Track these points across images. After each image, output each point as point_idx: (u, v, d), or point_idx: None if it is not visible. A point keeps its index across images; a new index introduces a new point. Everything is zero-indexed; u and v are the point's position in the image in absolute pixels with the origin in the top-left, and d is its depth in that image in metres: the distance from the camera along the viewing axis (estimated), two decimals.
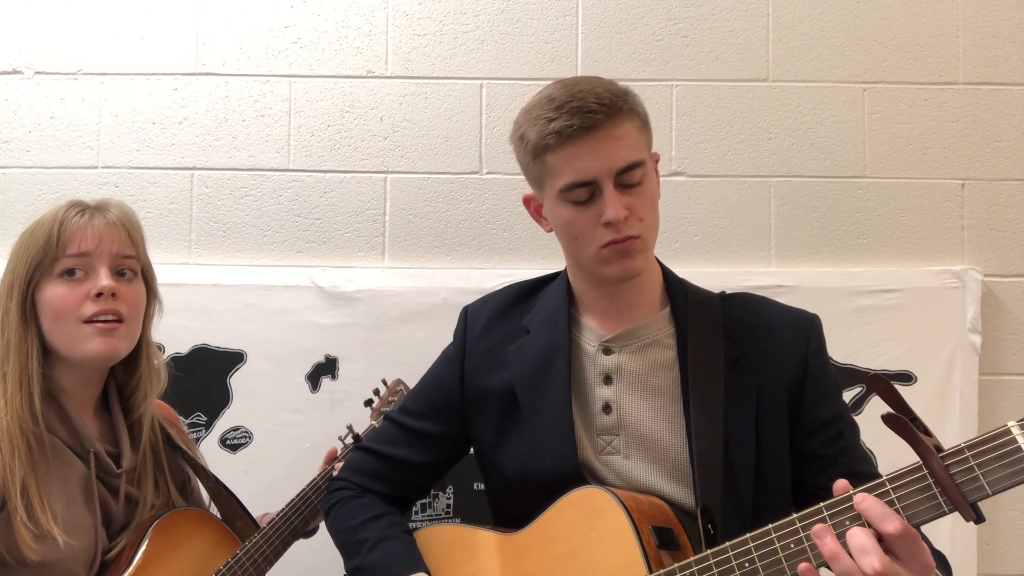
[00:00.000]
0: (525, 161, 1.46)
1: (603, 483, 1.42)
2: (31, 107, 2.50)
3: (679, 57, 2.53)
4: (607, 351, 1.48)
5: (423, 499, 2.35)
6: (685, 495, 1.40)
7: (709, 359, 1.45)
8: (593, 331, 1.50)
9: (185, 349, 2.40)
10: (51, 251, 1.52)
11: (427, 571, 1.47)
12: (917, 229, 2.48)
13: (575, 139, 1.36)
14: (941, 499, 1.05)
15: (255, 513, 1.82)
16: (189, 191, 2.50)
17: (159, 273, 1.69)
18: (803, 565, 1.11)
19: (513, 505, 1.50)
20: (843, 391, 2.28)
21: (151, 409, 1.66)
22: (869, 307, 2.41)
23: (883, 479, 1.09)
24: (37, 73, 2.51)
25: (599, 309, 1.51)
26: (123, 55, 2.52)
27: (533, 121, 1.41)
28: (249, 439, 2.40)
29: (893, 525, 1.05)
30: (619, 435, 1.45)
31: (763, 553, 1.15)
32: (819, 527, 1.11)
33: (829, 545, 1.09)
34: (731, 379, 1.43)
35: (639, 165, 1.40)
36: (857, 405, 2.38)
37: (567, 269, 1.57)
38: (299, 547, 1.81)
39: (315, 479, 1.83)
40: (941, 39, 2.51)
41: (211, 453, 2.33)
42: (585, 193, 1.39)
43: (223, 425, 2.40)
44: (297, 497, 1.80)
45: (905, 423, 1.06)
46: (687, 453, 1.41)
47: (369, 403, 2.05)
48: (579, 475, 1.43)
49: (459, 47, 2.54)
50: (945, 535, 2.26)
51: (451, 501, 2.39)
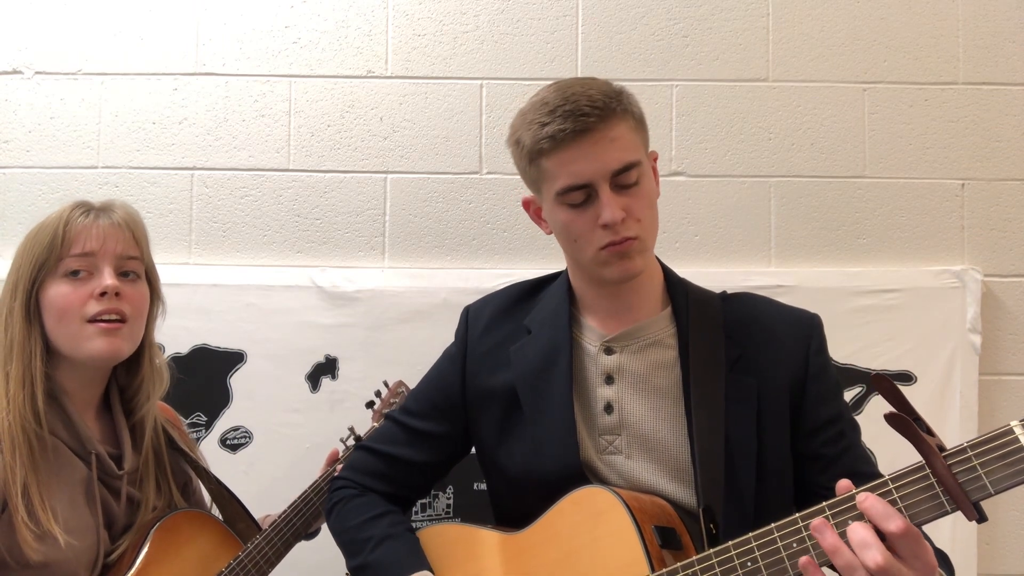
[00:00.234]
0: (522, 165, 1.47)
1: (605, 483, 1.42)
2: (31, 107, 2.50)
3: (679, 57, 2.53)
4: (608, 351, 1.48)
5: (424, 499, 2.35)
6: (687, 495, 1.40)
7: (710, 359, 1.45)
8: (594, 331, 1.50)
9: (185, 349, 2.40)
10: (56, 251, 1.52)
11: (431, 570, 1.47)
12: (917, 229, 2.48)
13: (569, 143, 1.36)
14: (944, 498, 1.05)
15: (256, 514, 1.82)
16: (189, 191, 2.50)
17: (159, 273, 1.68)
18: (804, 559, 1.11)
19: (515, 505, 1.50)
20: (843, 391, 2.29)
21: (153, 411, 1.66)
22: (869, 307, 2.41)
23: (886, 478, 1.09)
24: (37, 73, 2.51)
25: (600, 309, 1.51)
26: (123, 55, 2.52)
27: (527, 125, 1.41)
28: (249, 439, 2.40)
29: (896, 524, 1.05)
30: (621, 435, 1.45)
31: (766, 552, 1.15)
32: (818, 521, 1.11)
33: (829, 539, 1.09)
34: (732, 379, 1.43)
35: (634, 166, 1.39)
36: (857, 405, 2.38)
37: (567, 269, 1.57)
38: (300, 547, 1.81)
39: (317, 480, 1.83)
40: (941, 39, 2.51)
41: (211, 453, 2.33)
42: (581, 196, 1.39)
43: (223, 425, 2.40)
44: (299, 498, 1.80)
45: (908, 423, 1.07)
46: (688, 453, 1.41)
47: (371, 405, 2.04)
48: (581, 475, 1.43)
49: (459, 47, 2.54)
50: (945, 535, 2.26)
51: (451, 501, 2.39)
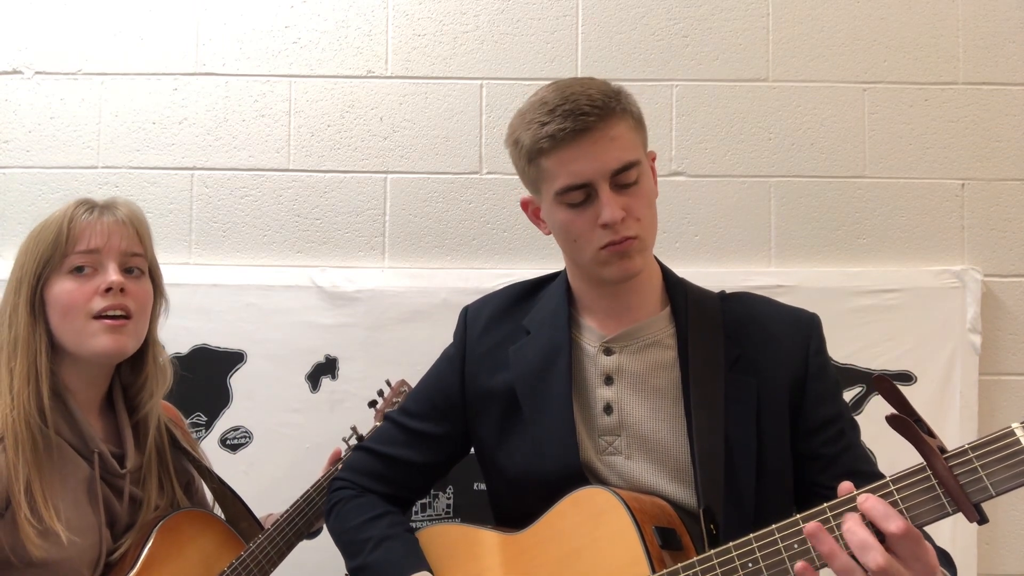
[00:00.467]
0: (520, 165, 1.46)
1: (605, 483, 1.42)
2: (31, 107, 2.50)
3: (679, 57, 2.53)
4: (608, 351, 1.48)
5: (423, 499, 2.35)
6: (687, 495, 1.40)
7: (710, 359, 1.44)
8: (593, 331, 1.50)
9: (185, 349, 2.40)
10: (60, 248, 1.52)
11: (430, 570, 1.47)
12: (917, 229, 2.48)
13: (568, 142, 1.36)
14: (945, 500, 1.05)
15: (258, 514, 1.82)
16: (189, 191, 2.49)
17: (162, 274, 1.69)
18: (800, 564, 1.11)
19: (514, 505, 1.50)
20: (843, 391, 2.29)
21: (156, 409, 1.66)
22: (869, 307, 2.41)
23: (887, 480, 1.09)
24: (37, 73, 2.51)
25: (599, 309, 1.51)
26: (123, 55, 2.52)
27: (527, 125, 1.41)
28: (249, 439, 2.40)
29: (896, 525, 1.05)
30: (620, 435, 1.45)
31: (766, 553, 1.15)
32: (812, 526, 1.11)
33: (826, 544, 1.09)
34: (732, 379, 1.43)
35: (634, 165, 1.39)
36: (857, 405, 2.38)
37: (566, 270, 1.57)
38: (302, 547, 1.81)
39: (319, 480, 1.82)
40: (941, 39, 2.51)
41: (211, 453, 2.32)
42: (581, 195, 1.39)
43: (223, 425, 2.40)
44: (301, 498, 1.79)
45: (909, 424, 1.07)
46: (688, 453, 1.41)
47: (373, 404, 2.04)
48: (581, 476, 1.43)
49: (459, 47, 2.54)
50: (945, 535, 2.25)
51: (451, 501, 2.39)
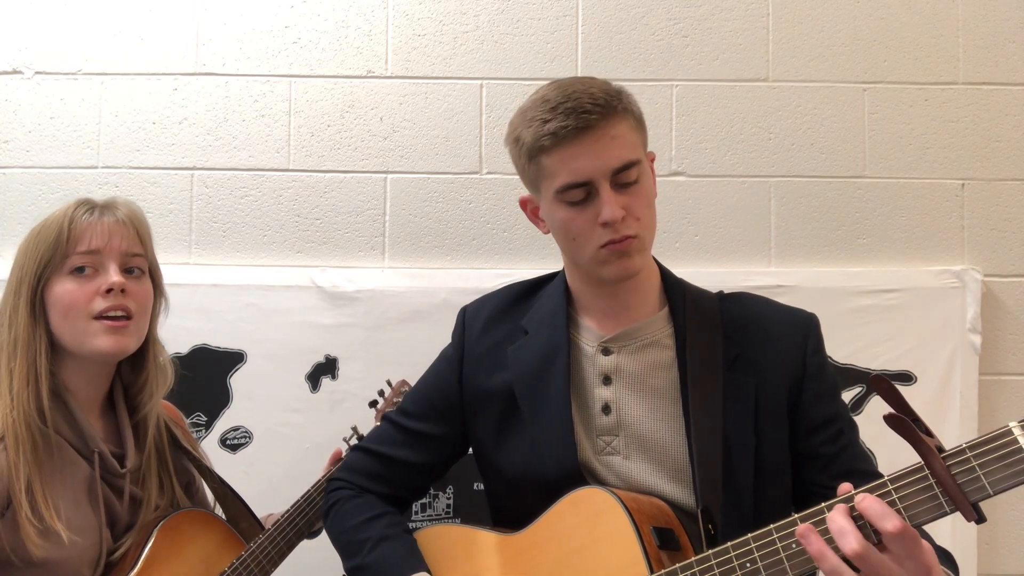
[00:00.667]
0: (521, 163, 1.46)
1: (603, 484, 1.42)
2: (31, 107, 2.50)
3: (679, 57, 2.53)
4: (606, 351, 1.48)
5: (421, 500, 2.35)
6: (685, 495, 1.40)
7: (708, 359, 1.44)
8: (592, 331, 1.50)
9: (185, 349, 2.40)
10: (61, 248, 1.52)
11: (428, 571, 1.47)
12: (917, 229, 2.48)
13: (570, 140, 1.36)
14: (943, 499, 1.05)
15: (259, 514, 1.82)
16: (189, 191, 2.50)
17: (162, 273, 1.69)
18: (803, 526, 1.11)
19: (513, 506, 1.50)
20: (843, 391, 2.29)
21: (157, 409, 1.66)
22: (869, 307, 2.41)
23: (885, 479, 1.09)
24: (37, 73, 2.51)
25: (598, 309, 1.51)
26: (123, 55, 2.52)
27: (528, 123, 1.40)
28: (249, 439, 2.40)
29: (892, 523, 1.05)
30: (619, 436, 1.45)
31: (765, 553, 1.15)
32: (802, 527, 1.11)
33: (816, 544, 1.10)
34: (730, 379, 1.43)
35: (635, 164, 1.39)
36: (857, 405, 2.38)
37: (565, 269, 1.57)
38: (302, 547, 1.81)
39: (320, 479, 1.82)
40: (941, 39, 2.51)
41: (211, 453, 2.32)
42: (581, 194, 1.39)
43: (223, 425, 2.40)
44: (302, 498, 1.79)
45: (907, 423, 1.07)
46: (687, 453, 1.41)
47: (374, 404, 2.04)
48: (579, 476, 1.42)
49: (459, 47, 2.54)
50: (945, 535, 2.25)
51: (451, 501, 2.39)
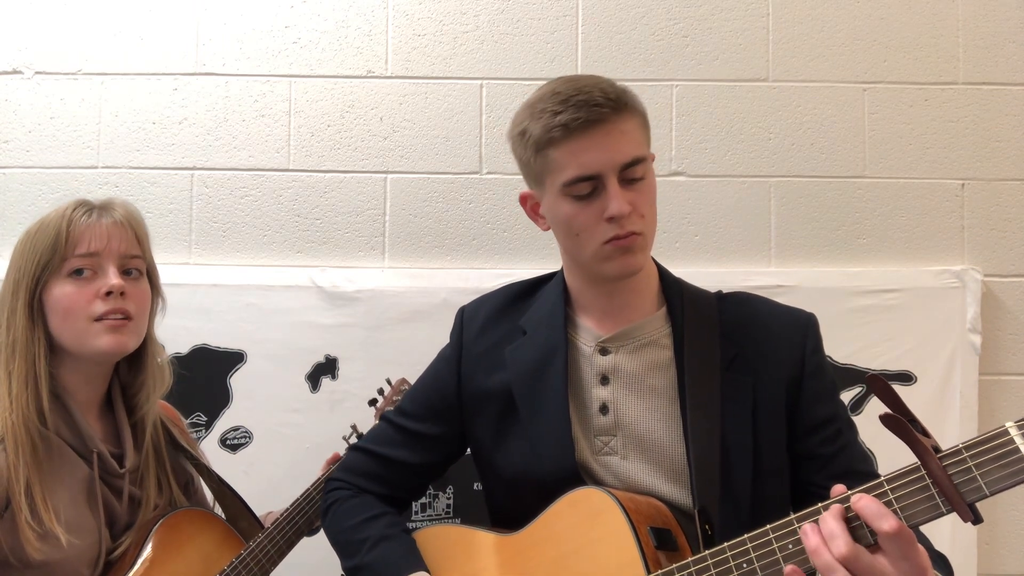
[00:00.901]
0: (526, 157, 1.45)
1: (601, 484, 1.42)
2: (31, 107, 2.50)
3: (679, 57, 2.53)
4: (604, 351, 1.47)
5: (420, 500, 2.35)
6: (683, 495, 1.40)
7: (706, 359, 1.44)
8: (590, 331, 1.50)
9: (185, 349, 2.40)
10: (59, 250, 1.52)
11: (427, 571, 1.47)
12: (917, 229, 2.48)
13: (581, 132, 1.36)
14: (939, 499, 1.05)
15: (258, 512, 1.82)
16: (189, 191, 2.50)
17: (159, 272, 1.68)
18: (789, 567, 1.11)
19: (511, 506, 1.50)
20: (843, 391, 2.29)
21: (155, 409, 1.66)
22: (869, 307, 2.41)
23: (881, 479, 1.09)
24: (37, 73, 2.51)
25: (596, 309, 1.51)
26: (123, 55, 2.52)
27: (538, 115, 1.39)
28: (249, 439, 2.40)
29: (889, 524, 1.05)
30: (616, 436, 1.45)
31: (761, 554, 1.15)
32: (807, 526, 1.11)
33: (813, 540, 1.09)
34: (728, 378, 1.43)
35: (642, 161, 1.39)
36: (857, 405, 2.37)
37: (563, 269, 1.56)
38: (302, 546, 1.81)
39: (319, 480, 1.82)
40: (941, 39, 2.51)
41: (211, 453, 2.33)
42: (588, 187, 1.38)
43: (223, 425, 2.40)
44: (301, 497, 1.79)
45: (903, 423, 1.06)
46: (684, 453, 1.41)
47: (373, 403, 2.04)
48: (577, 476, 1.42)
49: (459, 47, 2.54)
50: (945, 535, 2.25)
51: (451, 501, 2.39)
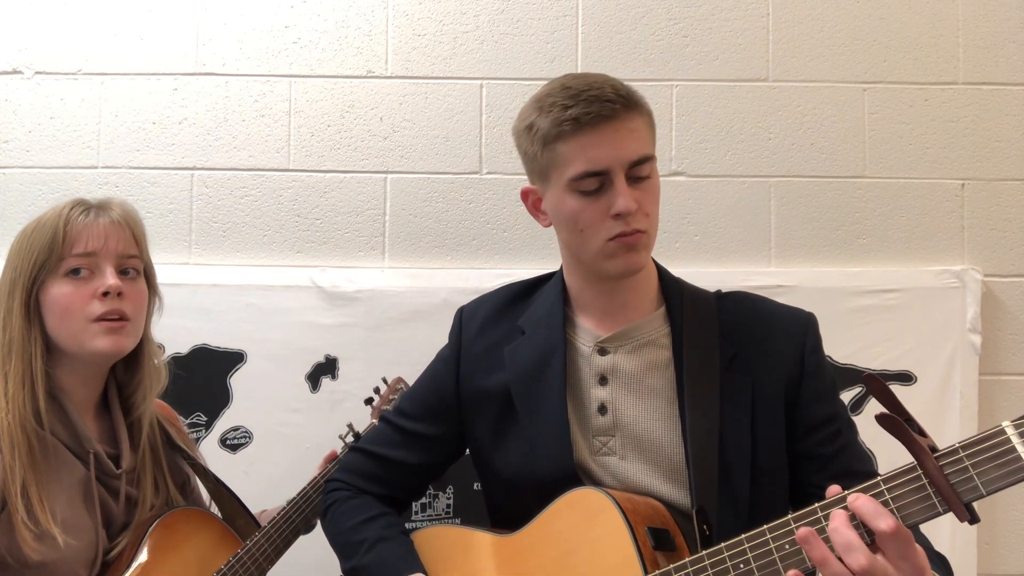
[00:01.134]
0: (532, 151, 1.44)
1: (599, 484, 1.42)
2: (31, 107, 2.51)
3: (679, 57, 2.53)
4: (602, 351, 1.47)
5: (419, 500, 2.35)
6: (681, 496, 1.40)
7: (705, 359, 1.44)
8: (588, 331, 1.50)
9: (185, 349, 2.40)
10: (57, 250, 1.51)
11: (425, 572, 1.47)
12: (917, 229, 2.48)
13: (591, 127, 1.36)
14: (935, 499, 1.05)
15: (254, 510, 1.82)
16: (189, 191, 2.50)
17: (159, 273, 1.69)
18: (791, 572, 1.11)
19: (510, 506, 1.50)
20: (843, 391, 2.29)
21: (151, 408, 1.66)
22: (869, 307, 2.41)
23: (878, 479, 1.09)
24: (37, 73, 2.51)
25: (595, 309, 1.50)
26: (123, 55, 2.52)
27: (548, 109, 1.39)
28: (249, 439, 2.40)
29: (886, 523, 1.05)
30: (615, 436, 1.44)
31: (758, 554, 1.15)
32: (803, 531, 1.10)
33: (818, 550, 1.09)
34: (727, 379, 1.43)
35: (649, 159, 1.40)
36: (857, 405, 2.37)
37: (563, 268, 1.56)
38: (300, 546, 1.81)
39: (316, 479, 1.83)
40: (941, 39, 2.51)
41: (211, 453, 2.33)
42: (595, 183, 1.38)
43: (223, 425, 2.40)
44: (298, 495, 1.80)
45: (899, 423, 1.06)
46: (683, 454, 1.40)
47: (369, 402, 2.04)
48: (575, 476, 1.42)
49: (459, 47, 2.54)
50: (945, 535, 2.25)
51: (451, 501, 2.39)
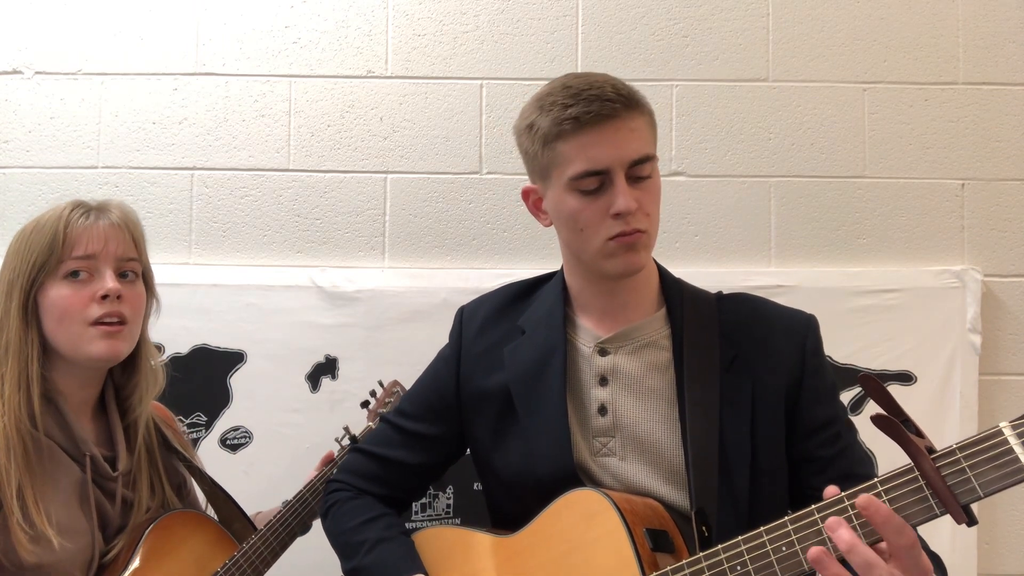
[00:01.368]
0: (533, 150, 1.44)
1: (599, 485, 1.42)
2: (31, 107, 2.51)
3: (679, 57, 2.53)
4: (603, 352, 1.47)
5: (420, 500, 2.35)
6: (681, 497, 1.40)
7: (705, 360, 1.44)
8: (589, 332, 1.49)
9: (185, 349, 2.40)
10: (56, 252, 1.51)
11: (425, 572, 1.47)
12: (917, 229, 2.48)
13: (592, 126, 1.35)
14: (932, 501, 1.04)
15: (252, 511, 1.82)
16: (189, 191, 2.50)
17: (159, 273, 1.69)
18: (815, 549, 1.09)
19: (510, 506, 1.50)
20: (843, 391, 2.29)
21: (148, 411, 1.66)
22: (869, 307, 2.40)
23: (875, 481, 1.08)
24: (37, 73, 2.51)
25: (596, 309, 1.50)
26: (123, 55, 2.52)
27: (549, 107, 1.39)
28: (249, 439, 2.40)
29: (907, 538, 1.04)
30: (615, 437, 1.44)
31: (755, 556, 1.15)
32: (815, 552, 1.08)
33: (832, 569, 1.07)
34: (727, 380, 1.43)
35: (650, 159, 1.39)
36: (857, 406, 2.37)
37: (564, 268, 1.56)
38: (298, 547, 1.81)
39: (312, 481, 1.83)
40: (941, 39, 2.50)
41: (211, 453, 2.34)
42: (595, 183, 1.38)
43: (223, 425, 2.40)
44: (295, 499, 1.79)
45: (895, 424, 1.06)
46: (683, 455, 1.40)
47: (365, 404, 2.04)
48: (574, 477, 1.42)
49: (459, 47, 2.54)
50: (945, 535, 2.25)
51: (451, 501, 2.39)
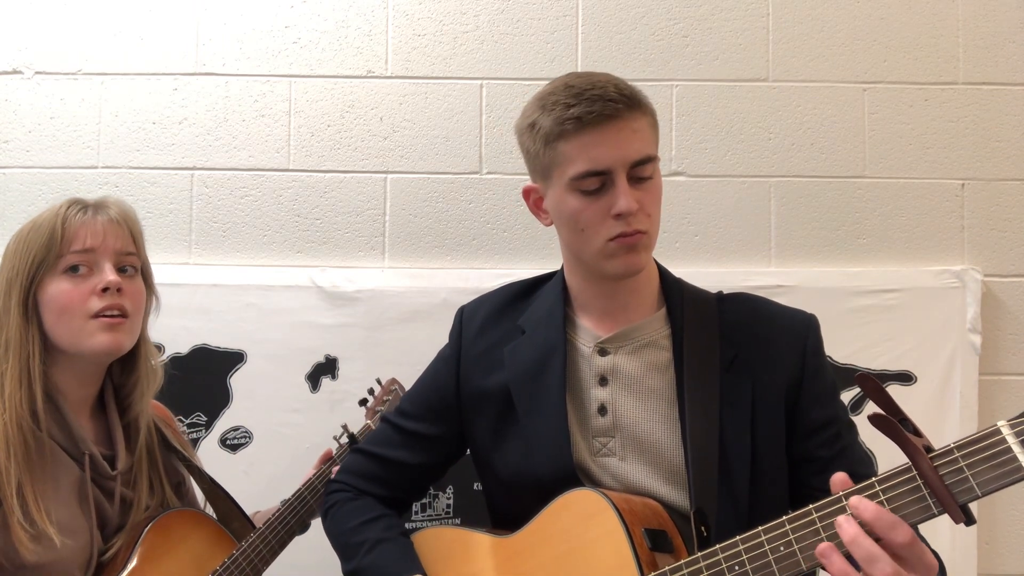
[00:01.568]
0: (534, 149, 1.44)
1: (598, 485, 1.42)
2: (31, 107, 2.51)
3: (679, 57, 2.53)
4: (603, 352, 1.47)
5: (420, 500, 2.35)
6: (680, 497, 1.39)
7: (705, 360, 1.44)
8: (589, 332, 1.49)
9: (185, 349, 2.41)
10: (55, 248, 1.51)
11: (424, 573, 1.47)
12: (917, 229, 2.48)
13: (594, 126, 1.35)
14: (930, 500, 1.04)
15: (252, 511, 1.82)
16: (189, 191, 2.50)
17: (159, 273, 1.69)
18: (823, 545, 1.09)
19: (510, 506, 1.50)
20: (843, 391, 2.28)
21: (147, 409, 1.66)
22: (869, 307, 2.41)
23: (872, 480, 1.08)
24: (37, 73, 2.52)
25: (596, 309, 1.50)
26: (123, 55, 2.52)
27: (550, 107, 1.39)
28: (249, 439, 2.40)
29: (903, 535, 1.04)
30: (615, 437, 1.44)
31: (753, 556, 1.15)
32: (822, 547, 1.08)
33: (838, 565, 1.07)
34: (727, 380, 1.43)
35: (652, 160, 1.39)
36: (857, 406, 2.37)
37: (564, 268, 1.56)
38: (297, 547, 1.81)
39: (311, 479, 1.83)
40: (941, 39, 2.50)
41: (211, 453, 2.34)
42: (596, 183, 1.38)
43: (223, 425, 2.41)
44: (293, 497, 1.79)
45: (892, 423, 1.06)
46: (683, 455, 1.40)
47: (364, 402, 2.04)
48: (574, 477, 1.42)
49: (459, 47, 2.54)
50: (945, 535, 2.25)
51: (451, 501, 2.39)
